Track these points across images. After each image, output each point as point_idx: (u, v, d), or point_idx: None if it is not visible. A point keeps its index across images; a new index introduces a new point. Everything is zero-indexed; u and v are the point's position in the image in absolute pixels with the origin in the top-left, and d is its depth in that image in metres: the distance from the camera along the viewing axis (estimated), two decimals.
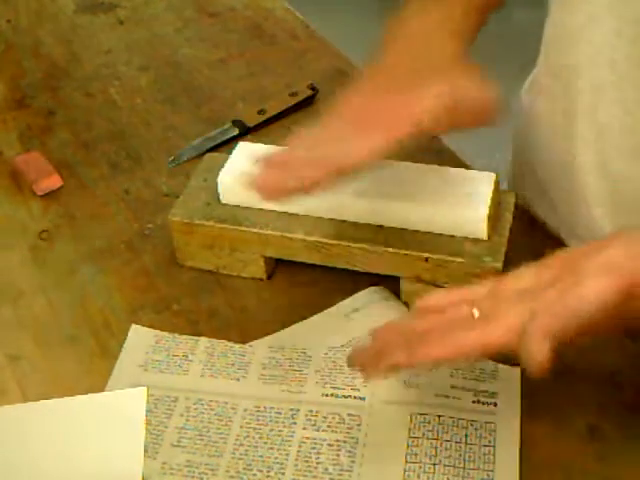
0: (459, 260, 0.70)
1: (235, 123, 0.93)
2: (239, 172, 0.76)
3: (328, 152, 0.65)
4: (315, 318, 0.73)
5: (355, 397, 0.67)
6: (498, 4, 0.74)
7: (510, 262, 0.73)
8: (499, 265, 0.70)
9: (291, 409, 0.67)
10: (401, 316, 0.71)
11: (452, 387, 0.67)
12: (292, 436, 0.65)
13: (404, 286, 0.73)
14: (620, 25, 0.66)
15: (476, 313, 0.57)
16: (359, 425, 0.65)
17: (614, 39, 0.67)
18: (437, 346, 0.57)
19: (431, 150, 0.85)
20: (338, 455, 0.63)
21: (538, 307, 0.55)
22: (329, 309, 0.74)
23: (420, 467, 0.62)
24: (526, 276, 0.58)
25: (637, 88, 0.68)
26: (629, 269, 0.54)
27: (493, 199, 0.72)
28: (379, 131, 0.65)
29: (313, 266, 0.75)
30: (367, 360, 0.60)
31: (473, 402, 0.66)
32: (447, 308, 0.59)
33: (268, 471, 0.63)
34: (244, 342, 0.72)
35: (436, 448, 0.63)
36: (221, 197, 0.77)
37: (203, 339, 0.72)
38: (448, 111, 0.65)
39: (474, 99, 0.65)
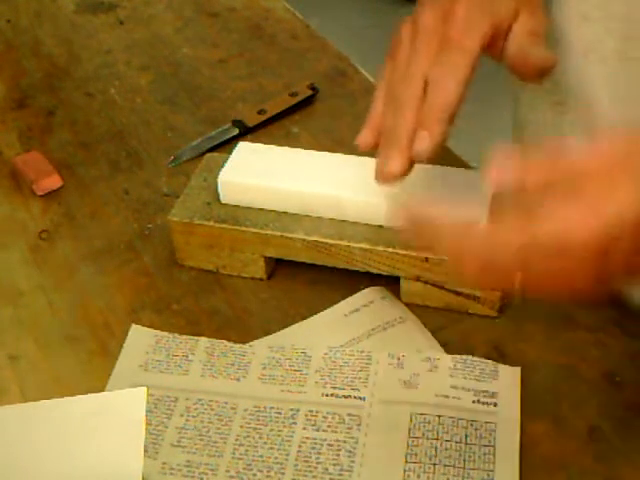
0: None
1: (235, 123, 0.93)
2: (239, 172, 0.76)
3: None
4: (315, 318, 0.73)
5: (355, 397, 0.67)
6: None
7: None
8: None
9: (291, 409, 0.67)
10: None
11: (452, 387, 0.67)
12: (292, 436, 0.65)
13: (404, 286, 0.73)
14: (609, 22, 0.67)
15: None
16: (359, 425, 0.65)
17: (604, 36, 0.67)
18: None
19: None
20: (338, 455, 0.63)
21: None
22: (329, 309, 0.74)
23: (420, 467, 0.62)
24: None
25: (629, 83, 0.68)
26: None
27: None
28: None
29: (313, 266, 0.75)
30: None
31: (473, 402, 0.66)
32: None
33: (268, 471, 0.63)
34: (244, 342, 0.72)
35: (436, 448, 0.63)
36: (221, 197, 0.77)
37: (203, 339, 0.72)
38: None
39: (531, 53, 0.63)
